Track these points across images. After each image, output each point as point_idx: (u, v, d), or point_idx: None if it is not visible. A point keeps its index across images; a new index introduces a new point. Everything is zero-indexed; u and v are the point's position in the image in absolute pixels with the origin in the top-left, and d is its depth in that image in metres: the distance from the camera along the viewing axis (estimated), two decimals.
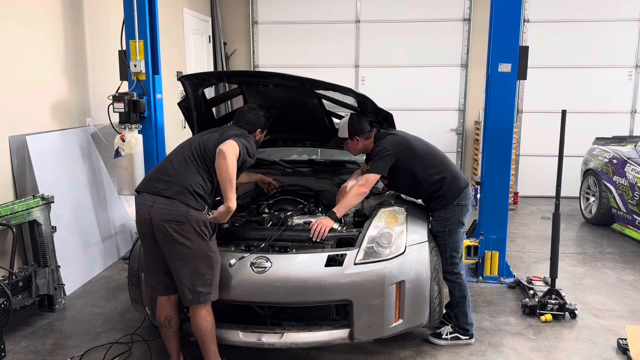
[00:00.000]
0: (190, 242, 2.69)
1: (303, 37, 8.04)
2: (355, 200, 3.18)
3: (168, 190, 2.74)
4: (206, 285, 2.74)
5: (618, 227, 5.98)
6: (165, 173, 2.83)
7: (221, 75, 3.93)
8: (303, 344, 2.90)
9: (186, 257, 2.71)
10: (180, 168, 2.83)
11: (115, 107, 4.41)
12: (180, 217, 2.68)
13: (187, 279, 2.72)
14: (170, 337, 2.95)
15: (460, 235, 3.33)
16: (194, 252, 2.70)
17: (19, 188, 4.01)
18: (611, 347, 3.39)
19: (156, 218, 2.70)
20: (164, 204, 2.71)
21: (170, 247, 2.72)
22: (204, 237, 2.73)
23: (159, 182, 2.79)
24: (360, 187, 3.16)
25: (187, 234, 2.69)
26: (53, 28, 4.44)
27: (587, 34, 7.53)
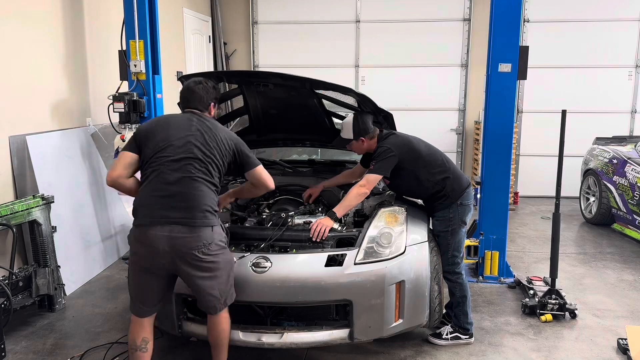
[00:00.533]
0: (218, 257, 2.64)
1: (303, 37, 8.04)
2: (355, 200, 3.17)
3: (190, 219, 2.54)
4: (230, 289, 2.75)
5: (618, 227, 5.98)
6: (175, 200, 2.56)
7: (221, 75, 3.92)
8: (303, 344, 2.90)
9: (215, 272, 2.64)
10: (194, 190, 2.58)
11: (115, 107, 4.41)
12: (207, 239, 2.57)
13: (216, 291, 2.67)
14: (148, 356, 2.72)
15: (462, 235, 3.35)
16: (221, 265, 2.67)
17: (19, 188, 4.01)
18: (611, 347, 3.39)
19: (181, 248, 2.52)
20: (188, 232, 2.53)
21: (196, 271, 2.59)
22: (225, 247, 2.71)
23: (171, 210, 2.54)
24: (361, 188, 3.16)
25: (214, 252, 2.61)
26: (53, 28, 4.44)
27: (587, 34, 7.54)
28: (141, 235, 2.57)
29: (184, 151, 2.63)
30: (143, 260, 2.60)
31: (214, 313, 2.72)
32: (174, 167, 2.60)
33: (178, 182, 2.58)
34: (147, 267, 2.61)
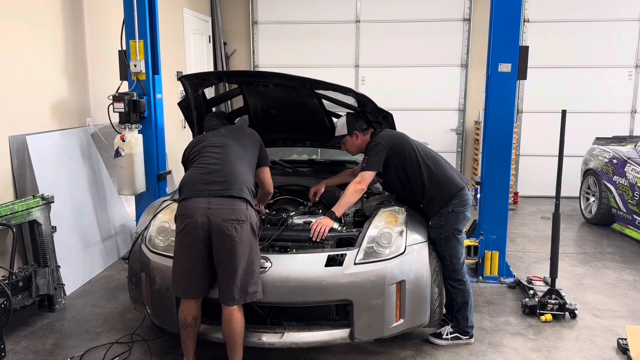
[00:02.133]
0: (248, 241, 2.73)
1: (303, 37, 8.04)
2: (353, 197, 3.17)
3: (228, 190, 2.76)
4: (254, 284, 2.76)
5: (618, 227, 5.98)
6: (215, 175, 2.83)
7: (221, 75, 3.92)
8: (303, 344, 2.90)
9: (242, 257, 2.70)
10: (233, 168, 2.87)
11: (115, 107, 4.41)
12: (242, 216, 2.72)
13: (239, 279, 2.71)
14: (193, 337, 2.91)
15: (458, 242, 3.26)
16: (250, 250, 2.73)
17: (19, 188, 4.01)
18: (611, 347, 3.39)
19: (217, 219, 2.69)
20: (225, 203, 2.72)
21: (227, 248, 2.70)
22: (256, 235, 2.80)
23: (212, 184, 2.78)
24: (357, 185, 3.17)
25: (245, 233, 2.72)
26: (53, 28, 4.44)
27: (587, 34, 7.54)
28: (182, 208, 2.78)
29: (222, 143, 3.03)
30: (184, 236, 2.75)
31: (229, 304, 2.73)
32: (216, 151, 2.95)
33: (218, 162, 2.89)
34: (188, 243, 2.75)
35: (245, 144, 3.09)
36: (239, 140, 3.09)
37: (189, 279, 2.80)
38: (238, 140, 3.08)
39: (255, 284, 2.76)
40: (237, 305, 2.75)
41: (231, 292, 2.72)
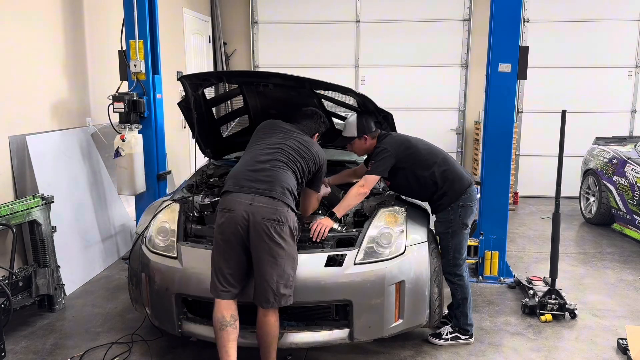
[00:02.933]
0: (285, 242, 2.71)
1: (303, 37, 8.04)
2: (355, 200, 3.18)
3: (271, 191, 2.75)
4: (288, 288, 2.73)
5: (618, 227, 5.98)
6: (260, 174, 2.82)
7: (221, 75, 3.92)
8: (303, 344, 2.90)
9: (278, 258, 2.69)
10: (278, 170, 2.86)
11: (115, 107, 4.41)
12: (282, 217, 2.71)
13: (274, 281, 2.68)
14: (233, 339, 2.75)
15: (463, 237, 3.32)
16: (286, 253, 2.71)
17: (19, 188, 4.01)
18: (611, 347, 3.39)
19: (258, 217, 2.68)
20: (267, 202, 2.72)
21: (265, 247, 2.69)
22: (294, 238, 2.78)
23: (257, 182, 2.79)
24: (360, 188, 3.17)
25: (284, 235, 2.71)
26: (53, 28, 4.44)
27: (587, 34, 7.54)
28: (224, 201, 2.79)
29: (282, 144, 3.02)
30: (223, 231, 2.73)
31: (265, 307, 2.71)
32: (267, 152, 2.95)
33: (267, 162, 2.89)
34: (226, 240, 2.73)
35: (307, 158, 3.01)
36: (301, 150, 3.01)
37: (223, 278, 2.75)
38: (300, 149, 3.01)
39: (289, 287, 2.73)
40: (272, 309, 2.72)
41: (266, 293, 2.69)
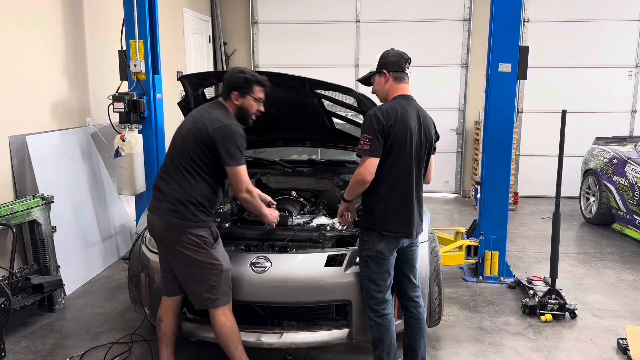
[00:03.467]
0: (190, 251, 2.66)
1: (303, 37, 8.04)
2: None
3: (158, 210, 2.69)
4: (211, 291, 2.68)
5: (618, 227, 5.98)
6: (156, 188, 2.76)
7: (221, 75, 3.91)
8: (303, 344, 2.90)
9: (186, 265, 2.69)
10: (171, 178, 2.70)
11: (115, 107, 4.41)
12: (176, 229, 2.66)
13: (192, 285, 2.72)
14: (160, 339, 2.87)
15: (380, 268, 2.72)
16: (194, 260, 2.66)
17: (19, 188, 4.01)
18: (611, 347, 3.39)
19: (156, 227, 2.72)
20: (160, 217, 2.69)
21: (170, 253, 2.73)
22: (203, 246, 2.67)
23: (155, 197, 2.76)
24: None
25: (185, 243, 2.65)
26: (53, 28, 4.44)
27: (587, 34, 7.54)
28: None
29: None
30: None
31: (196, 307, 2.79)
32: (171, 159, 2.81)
33: (165, 171, 2.80)
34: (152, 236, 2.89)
35: (191, 144, 2.71)
36: (200, 131, 2.70)
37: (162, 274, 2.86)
38: (199, 129, 2.70)
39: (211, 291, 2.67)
40: (213, 309, 2.70)
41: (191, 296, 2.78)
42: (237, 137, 2.66)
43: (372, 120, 2.62)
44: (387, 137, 2.62)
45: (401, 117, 2.65)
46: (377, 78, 2.87)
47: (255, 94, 2.79)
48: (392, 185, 2.67)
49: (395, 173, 2.66)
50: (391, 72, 2.83)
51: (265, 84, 2.82)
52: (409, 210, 2.71)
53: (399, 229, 2.70)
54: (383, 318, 2.76)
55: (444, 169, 8.07)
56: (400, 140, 2.64)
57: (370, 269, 2.74)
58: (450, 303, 4.02)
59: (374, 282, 2.74)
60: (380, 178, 2.65)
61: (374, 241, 2.70)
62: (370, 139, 2.59)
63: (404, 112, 2.69)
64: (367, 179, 2.62)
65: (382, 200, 2.68)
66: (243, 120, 2.80)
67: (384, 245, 2.69)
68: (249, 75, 2.77)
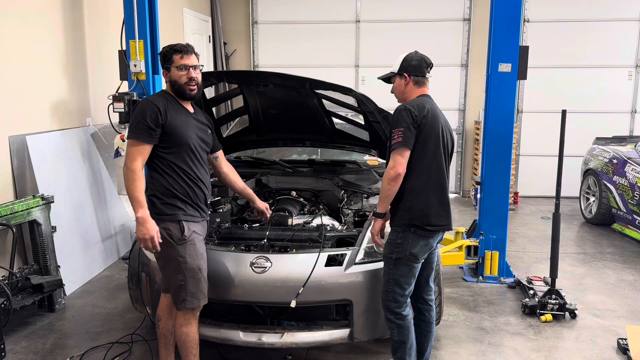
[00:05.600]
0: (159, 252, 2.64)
1: (303, 37, 8.04)
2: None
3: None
4: (180, 292, 2.62)
5: (618, 227, 5.98)
6: None
7: (221, 75, 3.92)
8: (303, 344, 2.90)
9: (157, 258, 2.70)
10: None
11: (115, 107, 4.41)
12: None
13: (164, 283, 2.73)
14: (159, 338, 2.87)
15: (409, 272, 2.69)
16: (161, 254, 2.64)
17: (19, 188, 4.01)
18: (611, 347, 3.39)
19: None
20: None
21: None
22: (167, 239, 2.60)
23: None
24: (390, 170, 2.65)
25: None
26: (53, 28, 4.44)
27: (587, 34, 7.54)
28: None
29: None
30: None
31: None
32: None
33: None
34: None
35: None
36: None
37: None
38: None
39: (179, 291, 2.63)
40: (183, 312, 2.67)
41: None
42: (138, 112, 2.59)
43: (403, 113, 2.61)
44: (422, 128, 2.60)
45: (432, 111, 2.68)
46: (397, 79, 2.84)
47: (176, 62, 2.65)
48: (430, 177, 2.64)
49: (434, 165, 2.64)
50: (412, 76, 2.80)
51: (182, 49, 2.66)
52: (447, 202, 2.71)
53: (441, 222, 2.68)
54: (404, 320, 2.73)
55: None
56: (434, 132, 2.64)
57: (398, 271, 2.68)
58: (450, 303, 4.03)
59: (400, 286, 2.69)
60: (417, 172, 2.61)
61: (408, 243, 2.64)
62: (402, 131, 2.56)
63: (433, 107, 2.73)
64: (400, 171, 2.56)
65: (421, 194, 2.63)
66: (182, 95, 2.70)
67: (419, 247, 2.65)
68: (165, 49, 2.70)
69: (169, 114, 2.61)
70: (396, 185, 2.59)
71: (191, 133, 2.69)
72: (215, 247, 3.03)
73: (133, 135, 2.58)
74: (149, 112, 2.56)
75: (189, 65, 2.67)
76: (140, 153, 2.57)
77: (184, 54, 2.66)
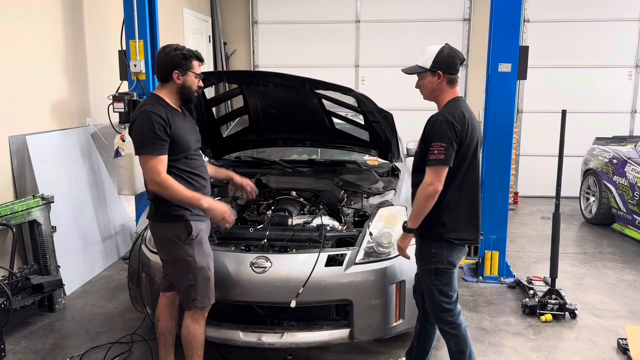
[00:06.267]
0: (165, 246, 2.66)
1: (303, 37, 8.04)
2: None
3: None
4: (190, 291, 2.65)
5: (618, 227, 5.98)
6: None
7: (221, 75, 3.92)
8: (303, 344, 2.90)
9: (167, 261, 2.70)
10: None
11: (115, 107, 4.41)
12: (154, 224, 2.71)
13: (175, 284, 2.73)
14: (158, 338, 2.87)
15: (451, 279, 2.64)
16: (170, 256, 2.66)
17: (19, 188, 4.01)
18: (611, 347, 3.39)
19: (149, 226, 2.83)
20: (147, 215, 2.77)
21: (157, 250, 2.79)
22: (176, 241, 2.61)
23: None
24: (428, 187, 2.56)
25: (160, 238, 2.67)
26: (53, 28, 4.44)
27: (587, 34, 7.54)
28: None
29: None
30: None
31: (184, 309, 2.75)
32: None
33: None
34: None
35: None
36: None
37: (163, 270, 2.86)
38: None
39: (189, 290, 2.65)
40: (192, 312, 2.69)
41: (178, 295, 2.76)
42: (142, 125, 2.49)
43: (446, 126, 2.47)
44: (462, 143, 2.49)
45: (471, 122, 2.56)
46: (428, 76, 2.70)
47: (195, 69, 2.64)
48: (463, 192, 2.56)
49: (468, 179, 2.56)
50: (446, 74, 2.64)
51: (202, 58, 2.69)
52: (477, 215, 2.63)
53: (469, 236, 2.61)
54: (459, 329, 2.66)
55: None
56: (472, 145, 2.54)
57: (440, 281, 2.60)
58: None
59: (446, 295, 2.62)
60: (453, 186, 2.52)
61: (444, 253, 2.57)
62: (445, 147, 2.43)
63: (471, 116, 2.60)
64: (439, 189, 2.46)
65: (453, 209, 2.55)
66: (187, 100, 2.68)
67: (455, 254, 2.59)
68: (186, 52, 2.60)
69: (171, 122, 2.57)
70: (432, 202, 2.48)
71: (190, 136, 2.69)
72: (215, 247, 3.02)
73: (147, 150, 2.49)
74: (156, 125, 2.49)
75: (202, 75, 2.72)
76: (160, 163, 2.51)
77: (202, 63, 2.71)
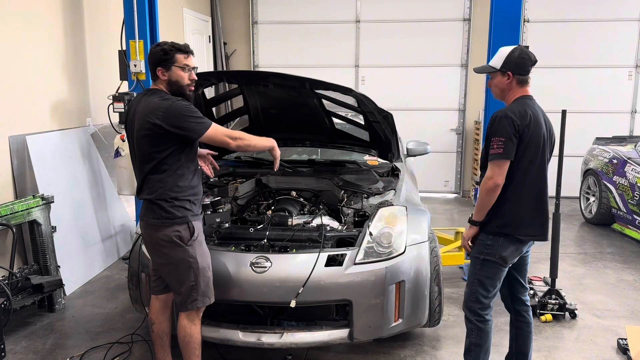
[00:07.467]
0: (165, 248, 2.62)
1: (303, 37, 8.04)
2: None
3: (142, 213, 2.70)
4: (191, 292, 2.64)
5: (618, 227, 5.98)
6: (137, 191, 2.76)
7: (221, 75, 3.92)
8: (303, 344, 2.90)
9: (165, 263, 2.67)
10: (142, 181, 2.65)
11: (115, 107, 4.41)
12: (153, 227, 2.63)
13: (174, 285, 2.71)
14: (154, 341, 2.86)
15: (496, 274, 2.66)
16: (170, 258, 2.63)
17: (19, 188, 4.01)
18: (611, 347, 3.39)
19: (142, 228, 2.74)
20: (141, 217, 2.71)
21: (151, 253, 2.75)
22: (178, 243, 2.60)
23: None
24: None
25: (161, 240, 2.61)
26: (53, 28, 4.44)
27: (587, 34, 7.54)
28: None
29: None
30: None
31: (178, 310, 2.73)
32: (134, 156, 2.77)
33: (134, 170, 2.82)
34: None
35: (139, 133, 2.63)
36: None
37: (153, 273, 2.86)
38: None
39: (190, 291, 2.64)
40: (188, 312, 2.68)
41: (175, 297, 2.76)
42: (183, 111, 2.52)
43: (505, 121, 2.53)
44: (523, 137, 2.53)
45: (534, 117, 2.58)
46: (499, 76, 2.75)
47: (179, 62, 2.60)
48: (527, 187, 2.58)
49: (531, 174, 2.57)
50: (516, 75, 2.70)
51: (186, 50, 2.63)
52: (544, 211, 2.65)
53: (534, 232, 2.63)
54: (486, 324, 2.73)
55: (444, 169, 8.08)
56: (535, 141, 2.56)
57: (484, 273, 2.65)
58: (450, 303, 4.02)
59: (484, 287, 2.67)
60: (515, 180, 2.55)
61: (498, 246, 2.60)
62: (504, 141, 2.50)
63: (535, 112, 2.62)
64: (500, 182, 2.51)
65: (515, 203, 2.57)
66: (181, 94, 2.63)
67: (510, 252, 2.61)
68: (166, 47, 2.59)
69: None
70: (494, 196, 2.54)
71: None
72: (215, 247, 3.02)
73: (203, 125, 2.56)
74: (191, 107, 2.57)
75: (191, 66, 2.65)
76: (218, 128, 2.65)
77: (188, 55, 2.64)
